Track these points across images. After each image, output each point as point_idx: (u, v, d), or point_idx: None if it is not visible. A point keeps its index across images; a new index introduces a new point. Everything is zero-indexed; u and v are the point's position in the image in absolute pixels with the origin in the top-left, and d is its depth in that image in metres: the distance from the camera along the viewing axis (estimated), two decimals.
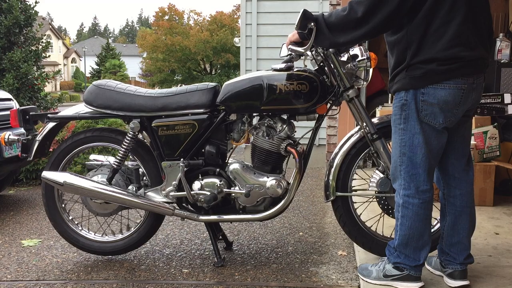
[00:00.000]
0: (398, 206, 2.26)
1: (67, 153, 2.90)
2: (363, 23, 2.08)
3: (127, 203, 2.80)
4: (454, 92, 2.08)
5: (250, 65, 6.73)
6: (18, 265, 2.94)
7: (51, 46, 8.50)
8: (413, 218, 2.21)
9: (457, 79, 2.08)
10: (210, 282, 2.62)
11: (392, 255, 2.32)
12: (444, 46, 2.04)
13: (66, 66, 49.38)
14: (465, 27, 2.04)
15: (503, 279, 2.35)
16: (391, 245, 2.35)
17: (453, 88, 2.08)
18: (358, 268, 2.50)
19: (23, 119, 3.14)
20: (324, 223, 3.65)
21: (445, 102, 2.09)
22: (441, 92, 2.08)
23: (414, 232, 2.22)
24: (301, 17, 2.27)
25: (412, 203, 2.20)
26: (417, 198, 2.19)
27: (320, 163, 5.97)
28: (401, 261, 2.28)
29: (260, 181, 2.70)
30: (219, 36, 29.37)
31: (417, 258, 2.26)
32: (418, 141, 2.16)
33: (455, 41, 2.03)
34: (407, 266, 2.27)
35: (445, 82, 2.08)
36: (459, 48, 2.04)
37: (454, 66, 2.05)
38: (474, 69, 2.10)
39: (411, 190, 2.20)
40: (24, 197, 4.84)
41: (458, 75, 2.07)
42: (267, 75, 2.65)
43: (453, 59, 2.05)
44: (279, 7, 6.61)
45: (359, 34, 2.12)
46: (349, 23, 2.11)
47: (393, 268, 2.30)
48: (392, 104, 2.26)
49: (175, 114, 2.75)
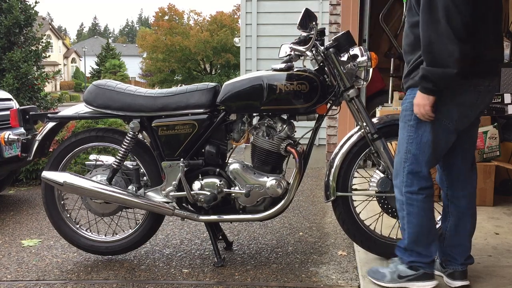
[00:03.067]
0: (402, 204, 2.23)
1: (67, 153, 2.90)
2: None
3: (127, 203, 2.80)
4: (470, 93, 2.05)
5: (250, 65, 6.72)
6: (18, 265, 2.94)
7: (51, 46, 8.51)
8: (420, 214, 2.19)
9: (473, 80, 2.04)
10: (210, 282, 2.62)
11: (404, 255, 2.27)
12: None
13: (66, 66, 49.36)
14: (484, 25, 2.00)
15: (503, 279, 2.35)
16: (401, 246, 2.30)
17: (471, 89, 2.05)
18: (368, 271, 2.43)
19: (23, 119, 3.15)
20: (324, 223, 3.64)
21: (462, 102, 2.07)
22: (458, 92, 2.06)
23: (423, 228, 2.20)
24: (302, 16, 2.27)
25: (416, 199, 2.18)
26: (421, 194, 2.18)
27: (320, 163, 5.97)
28: (414, 259, 2.24)
29: (260, 181, 2.70)
30: (219, 36, 29.38)
31: (429, 254, 2.23)
32: (427, 139, 2.13)
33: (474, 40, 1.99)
34: (422, 263, 2.23)
35: (462, 82, 2.02)
36: (477, 47, 1.99)
37: (472, 66, 2.00)
38: (490, 70, 2.06)
39: (414, 187, 2.18)
40: (24, 197, 4.84)
41: (476, 75, 2.03)
42: (267, 75, 2.65)
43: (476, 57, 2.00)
44: (279, 7, 6.61)
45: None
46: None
47: (408, 269, 2.25)
48: (403, 99, 2.22)
49: (175, 114, 2.75)
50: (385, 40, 5.94)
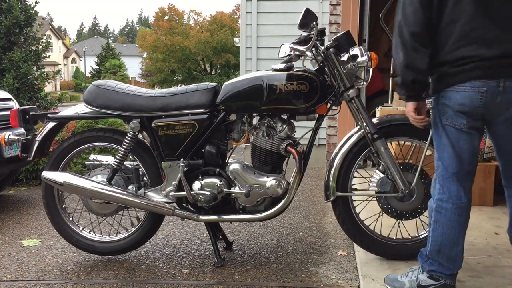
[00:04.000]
0: (431, 210, 2.16)
1: (67, 153, 2.90)
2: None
3: (127, 203, 2.80)
4: (470, 95, 1.97)
5: (250, 65, 6.73)
6: (18, 265, 2.94)
7: (51, 46, 8.50)
8: (445, 224, 2.09)
9: (474, 81, 1.96)
10: (210, 282, 2.62)
11: (425, 263, 2.18)
12: (451, 47, 1.97)
13: (66, 66, 49.37)
14: (477, 23, 1.93)
15: (503, 279, 2.35)
16: (423, 252, 2.21)
17: (469, 91, 1.97)
18: (386, 279, 2.34)
19: (23, 119, 3.14)
20: (324, 223, 3.65)
21: (462, 105, 1.99)
22: (457, 95, 1.99)
23: (446, 239, 2.10)
24: (303, 16, 2.27)
25: (445, 208, 2.09)
26: (451, 202, 2.09)
27: (320, 163, 5.97)
28: (435, 269, 2.14)
29: (260, 181, 2.70)
30: (219, 36, 29.40)
31: (451, 267, 2.13)
32: (444, 144, 2.08)
33: (463, 41, 1.94)
34: (442, 274, 2.14)
35: (461, 85, 1.98)
36: (466, 48, 1.94)
37: (466, 67, 1.95)
38: (496, 70, 1.94)
39: (445, 195, 2.10)
40: (24, 197, 4.84)
41: (474, 77, 1.95)
42: (267, 75, 2.65)
43: (461, 59, 1.96)
44: (279, 7, 6.61)
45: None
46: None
47: (428, 278, 2.16)
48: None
49: (175, 114, 2.75)
50: (385, 40, 5.94)
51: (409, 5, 1.99)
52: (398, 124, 2.64)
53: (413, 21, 1.98)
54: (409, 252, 2.64)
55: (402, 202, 2.63)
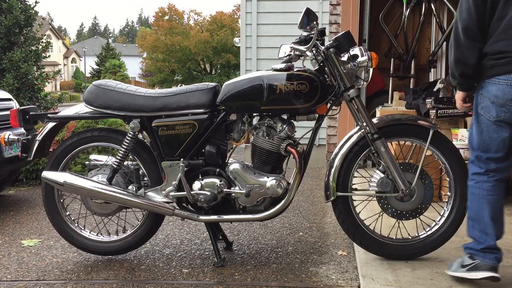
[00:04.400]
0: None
1: (67, 153, 2.90)
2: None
3: (127, 203, 2.80)
4: (503, 88, 2.12)
5: (250, 65, 6.73)
6: (18, 265, 2.94)
7: (51, 46, 8.51)
8: (470, 199, 2.29)
9: (508, 75, 2.11)
10: (210, 282, 2.62)
11: (466, 243, 2.32)
12: (492, 40, 2.12)
13: (66, 66, 49.37)
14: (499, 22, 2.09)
15: (503, 279, 2.34)
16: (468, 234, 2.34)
17: (502, 84, 2.12)
18: (449, 264, 2.44)
19: (23, 119, 3.15)
20: (324, 223, 3.65)
21: (496, 97, 2.14)
22: (492, 87, 2.15)
23: (474, 213, 2.26)
24: (303, 16, 2.28)
25: (470, 185, 2.29)
26: (472, 179, 2.28)
27: (320, 163, 5.97)
28: (470, 246, 2.28)
29: (260, 181, 2.70)
30: (219, 36, 29.39)
31: (482, 240, 2.23)
32: (475, 129, 2.26)
33: (501, 36, 2.09)
34: (475, 251, 2.25)
35: (497, 77, 2.13)
36: (504, 42, 2.09)
37: (501, 61, 2.10)
38: None
39: (470, 172, 2.31)
40: (24, 197, 4.84)
41: (508, 70, 2.10)
42: (267, 75, 2.65)
43: (498, 53, 2.10)
44: (279, 7, 6.61)
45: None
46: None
47: (468, 258, 2.28)
48: None
49: (175, 114, 2.76)
50: (385, 40, 5.95)
51: (465, 1, 2.15)
52: (398, 124, 2.65)
53: (466, 16, 2.14)
54: (409, 252, 2.65)
55: (402, 202, 2.63)
